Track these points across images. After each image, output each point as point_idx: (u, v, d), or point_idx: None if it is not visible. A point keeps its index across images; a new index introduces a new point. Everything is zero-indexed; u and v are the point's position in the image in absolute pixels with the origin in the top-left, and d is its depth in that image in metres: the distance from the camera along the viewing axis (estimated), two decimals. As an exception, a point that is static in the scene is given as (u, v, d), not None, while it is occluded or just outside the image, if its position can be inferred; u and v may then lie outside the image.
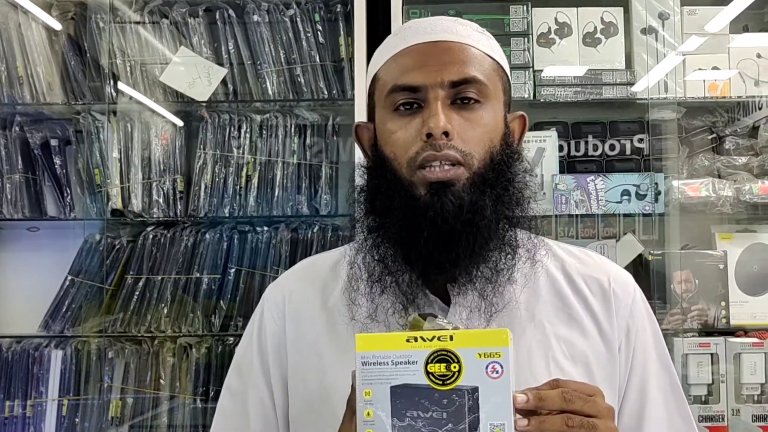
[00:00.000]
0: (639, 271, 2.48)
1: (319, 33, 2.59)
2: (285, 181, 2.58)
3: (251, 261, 2.57)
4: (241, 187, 2.58)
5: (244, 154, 2.59)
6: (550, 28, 2.56)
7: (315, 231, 2.57)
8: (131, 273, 2.57)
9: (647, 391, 1.14)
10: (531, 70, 2.53)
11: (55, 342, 2.58)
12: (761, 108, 2.57)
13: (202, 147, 2.61)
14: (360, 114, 2.36)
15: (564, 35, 2.56)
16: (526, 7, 2.54)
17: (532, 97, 2.51)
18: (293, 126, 2.60)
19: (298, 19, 2.58)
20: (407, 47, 1.11)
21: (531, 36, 2.54)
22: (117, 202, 2.58)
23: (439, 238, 1.04)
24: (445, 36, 1.11)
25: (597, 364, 1.11)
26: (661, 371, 1.16)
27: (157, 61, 2.60)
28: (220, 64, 2.59)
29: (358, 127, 1.20)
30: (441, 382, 0.88)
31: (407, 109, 1.08)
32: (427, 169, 1.04)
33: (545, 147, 2.48)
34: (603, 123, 2.59)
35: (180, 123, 2.65)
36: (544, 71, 2.54)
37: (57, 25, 2.62)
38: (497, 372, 0.87)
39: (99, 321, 2.56)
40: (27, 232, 2.77)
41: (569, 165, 2.56)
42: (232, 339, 2.53)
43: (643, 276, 2.44)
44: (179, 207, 2.61)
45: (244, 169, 2.59)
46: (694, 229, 2.59)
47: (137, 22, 2.62)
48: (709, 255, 2.51)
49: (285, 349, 1.16)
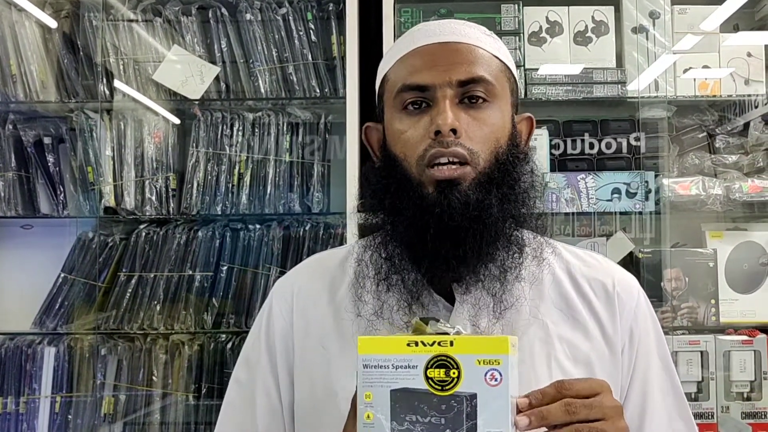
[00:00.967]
0: (630, 269, 2.47)
1: (311, 31, 2.59)
2: (277, 179, 2.58)
3: (243, 258, 2.57)
4: (233, 185, 2.59)
5: (236, 152, 2.60)
6: (541, 27, 2.57)
7: (307, 229, 2.58)
8: (124, 270, 2.58)
9: (649, 394, 1.15)
10: (522, 68, 2.53)
11: (48, 339, 2.59)
12: (757, 106, 2.57)
13: (194, 145, 2.61)
14: (352, 112, 2.37)
15: (555, 34, 2.57)
16: (517, 5, 2.54)
17: (523, 96, 2.51)
18: (285, 124, 2.60)
19: (291, 17, 2.59)
20: (416, 48, 1.13)
21: (522, 35, 2.55)
22: (110, 200, 2.59)
23: (446, 235, 1.05)
24: (453, 38, 1.12)
25: (599, 366, 1.12)
26: (663, 374, 1.17)
27: (150, 59, 2.61)
28: (213, 62, 2.60)
29: (367, 128, 1.21)
30: (440, 388, 0.88)
31: (416, 108, 1.10)
32: (435, 167, 1.06)
33: (536, 145, 2.48)
34: (594, 121, 2.60)
35: (173, 121, 2.66)
36: (537, 70, 2.54)
37: (52, 23, 2.63)
38: (496, 379, 0.87)
39: (92, 318, 2.56)
40: (20, 229, 2.77)
41: (560, 163, 2.57)
42: (225, 336, 2.54)
43: (634, 274, 2.43)
44: (172, 205, 2.61)
45: (237, 167, 2.59)
46: (684, 227, 2.60)
47: (131, 20, 2.62)
48: (699, 253, 2.52)
49: (292, 344, 1.17)
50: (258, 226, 2.60)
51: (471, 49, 1.12)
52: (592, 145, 2.59)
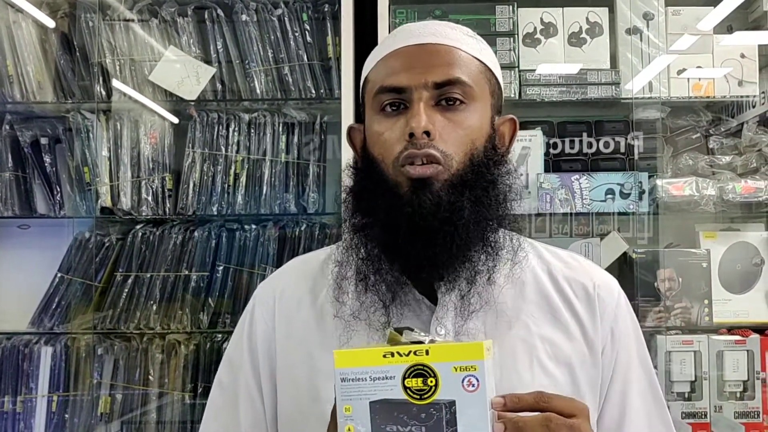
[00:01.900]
0: (623, 269, 2.50)
1: (306, 32, 2.60)
2: (273, 179, 2.59)
3: (239, 259, 2.58)
4: (229, 186, 2.59)
5: (232, 152, 2.60)
6: (535, 28, 2.57)
7: (302, 229, 2.59)
8: (120, 270, 2.58)
9: (628, 396, 1.15)
10: (517, 69, 2.54)
11: (45, 339, 2.59)
12: (754, 107, 2.58)
13: (190, 145, 2.62)
14: (347, 113, 2.37)
15: (549, 35, 2.58)
16: (511, 7, 2.55)
17: (517, 97, 2.52)
18: (281, 125, 2.61)
19: (286, 18, 2.59)
20: (395, 50, 1.13)
21: (517, 36, 2.55)
22: (106, 200, 2.59)
23: (417, 235, 1.05)
24: (433, 39, 1.12)
25: (580, 367, 1.12)
26: (642, 376, 1.18)
27: (147, 59, 2.62)
28: (209, 63, 2.61)
29: (350, 129, 1.22)
30: (418, 397, 0.89)
31: (393, 110, 1.10)
32: (409, 165, 1.06)
33: (530, 146, 2.50)
34: (588, 122, 2.60)
35: (170, 121, 2.66)
36: (532, 71, 2.55)
37: (49, 23, 2.63)
38: (473, 385, 0.88)
39: (89, 318, 2.57)
40: (17, 229, 2.78)
41: (554, 164, 2.57)
42: (221, 336, 2.55)
43: (627, 274, 2.46)
44: (168, 205, 2.62)
45: (233, 168, 2.60)
46: (678, 228, 2.60)
47: (127, 20, 2.63)
48: (692, 253, 2.52)
49: (275, 348, 1.17)
50: (254, 227, 2.61)
51: (449, 51, 1.12)
52: (587, 146, 2.60)
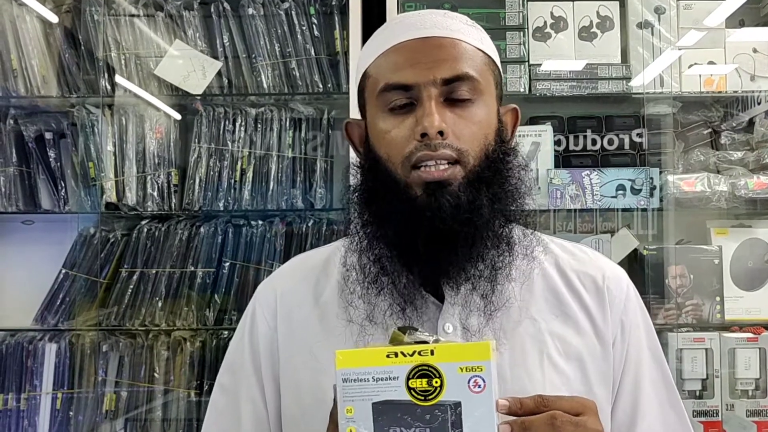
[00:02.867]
0: (634, 266, 2.48)
1: (314, 26, 2.58)
2: (280, 174, 2.57)
3: (246, 255, 2.56)
4: (235, 181, 2.58)
5: (239, 147, 2.58)
6: (545, 22, 2.55)
7: (310, 225, 2.57)
8: (126, 266, 2.57)
9: (641, 387, 1.14)
10: (526, 64, 2.52)
11: (50, 335, 2.58)
12: (760, 103, 2.56)
13: (196, 140, 2.60)
14: (355, 108, 2.35)
15: (560, 29, 2.56)
16: (521, 1, 2.52)
17: (527, 92, 2.51)
18: (288, 119, 2.59)
19: (293, 12, 2.57)
20: (397, 44, 1.10)
21: (526, 30, 2.53)
22: (111, 196, 2.58)
23: (437, 239, 1.03)
24: (435, 31, 1.09)
25: (591, 361, 1.10)
26: (654, 366, 1.16)
27: (152, 54, 2.60)
28: (215, 57, 2.59)
29: (348, 124, 1.19)
30: (423, 398, 0.87)
31: (400, 108, 1.07)
32: (423, 169, 1.03)
33: (540, 141, 2.48)
34: (598, 117, 2.59)
35: (175, 116, 2.64)
36: (541, 65, 2.53)
37: (53, 18, 2.62)
38: (479, 386, 0.86)
39: (93, 314, 2.55)
40: (21, 225, 2.76)
41: (564, 159, 2.56)
42: (227, 333, 2.53)
43: (638, 271, 2.44)
44: (174, 200, 2.60)
45: (239, 163, 2.58)
46: (689, 224, 2.58)
47: (132, 15, 2.61)
48: (704, 250, 2.51)
49: (277, 349, 1.15)
50: (260, 222, 2.59)
51: (454, 44, 1.09)
52: (596, 142, 2.58)
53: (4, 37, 2.61)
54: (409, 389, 0.87)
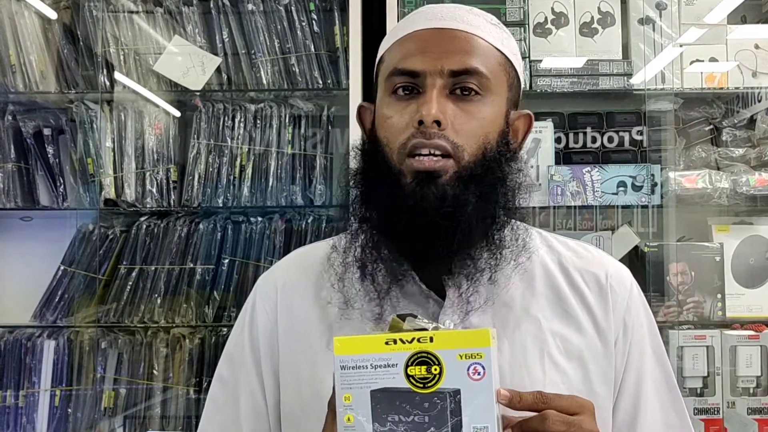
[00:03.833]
0: (635, 263, 2.47)
1: (314, 22, 2.57)
2: (279, 171, 2.56)
3: (245, 251, 2.55)
4: (235, 177, 2.57)
5: (238, 143, 2.57)
6: (546, 18, 2.54)
7: (309, 221, 2.56)
8: (124, 263, 2.56)
9: (642, 387, 1.13)
10: (527, 60, 2.51)
11: (48, 332, 2.57)
12: (761, 100, 2.55)
13: (195, 136, 2.59)
14: (355, 104, 2.33)
15: (561, 25, 2.55)
16: (522, -4, 2.52)
17: (528, 88, 2.49)
18: (288, 116, 2.58)
19: (293, 8, 2.56)
20: (413, 31, 1.09)
21: (527, 26, 2.53)
22: (110, 192, 2.57)
23: (417, 228, 1.02)
24: (453, 24, 1.08)
25: (592, 360, 1.09)
26: (656, 367, 1.15)
27: (151, 50, 2.59)
28: (215, 53, 2.58)
29: (361, 108, 1.18)
30: (422, 385, 0.86)
31: (406, 94, 1.07)
32: (416, 158, 1.02)
33: (541, 138, 2.47)
34: (599, 114, 2.58)
35: (174, 112, 2.63)
36: (542, 61, 2.52)
37: (51, 14, 2.61)
38: (479, 373, 0.85)
39: (92, 311, 2.55)
40: (20, 221, 2.76)
41: (565, 156, 2.55)
42: (226, 330, 2.52)
43: (639, 268, 2.43)
44: (173, 197, 2.59)
45: (239, 159, 2.57)
46: (690, 221, 2.57)
47: (131, 11, 2.60)
48: (705, 247, 2.50)
49: (277, 342, 1.14)
50: (260, 219, 2.58)
51: (469, 38, 1.07)
52: (596, 138, 2.57)
53: (2, 33, 2.60)
54: (407, 376, 0.86)
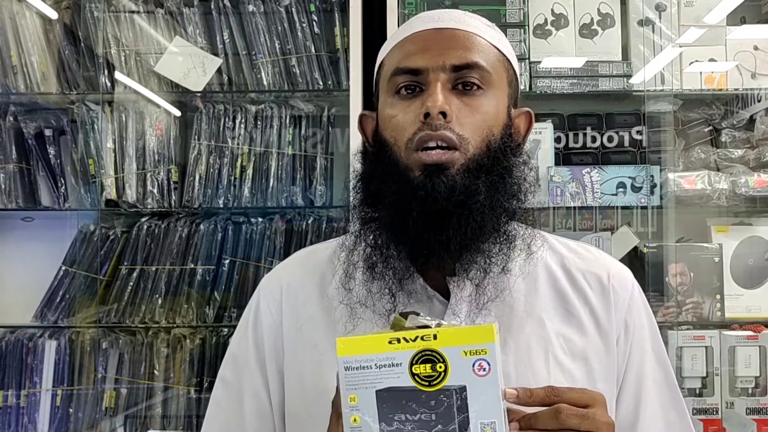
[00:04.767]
0: (634, 263, 2.48)
1: (314, 23, 2.57)
2: (280, 172, 2.57)
3: (246, 252, 2.56)
4: (235, 178, 2.57)
5: (239, 144, 2.58)
6: (546, 19, 2.54)
7: (310, 222, 2.57)
8: (125, 264, 2.56)
9: (643, 387, 1.14)
10: (527, 61, 2.51)
11: (49, 332, 2.58)
12: (760, 100, 2.56)
13: (196, 137, 2.59)
14: (355, 105, 2.35)
15: (560, 26, 2.55)
16: (522, -3, 2.53)
17: (528, 89, 2.50)
18: (288, 117, 2.58)
19: (294, 9, 2.57)
20: (413, 33, 1.11)
21: (527, 27, 2.53)
22: (111, 193, 2.57)
23: (429, 219, 1.02)
24: (452, 24, 1.11)
25: (595, 360, 1.10)
26: (657, 367, 1.16)
27: (152, 50, 2.59)
28: (215, 54, 2.58)
29: (362, 116, 1.19)
30: (427, 383, 0.86)
31: (409, 92, 1.08)
32: (423, 151, 1.03)
33: (541, 139, 2.47)
34: (599, 115, 2.58)
35: (175, 113, 2.64)
36: (542, 62, 2.52)
37: (52, 14, 2.61)
38: (484, 369, 0.85)
39: (93, 311, 2.55)
40: (21, 222, 2.76)
41: (565, 157, 2.55)
42: (227, 330, 2.52)
43: (639, 269, 2.43)
44: (174, 197, 2.60)
45: (239, 160, 2.57)
46: (689, 222, 2.58)
47: (132, 12, 2.60)
48: (704, 248, 2.50)
49: (282, 342, 1.14)
50: (260, 220, 2.59)
51: (468, 36, 1.09)
52: (596, 139, 2.57)
53: (3, 34, 2.60)
54: (412, 375, 0.86)
